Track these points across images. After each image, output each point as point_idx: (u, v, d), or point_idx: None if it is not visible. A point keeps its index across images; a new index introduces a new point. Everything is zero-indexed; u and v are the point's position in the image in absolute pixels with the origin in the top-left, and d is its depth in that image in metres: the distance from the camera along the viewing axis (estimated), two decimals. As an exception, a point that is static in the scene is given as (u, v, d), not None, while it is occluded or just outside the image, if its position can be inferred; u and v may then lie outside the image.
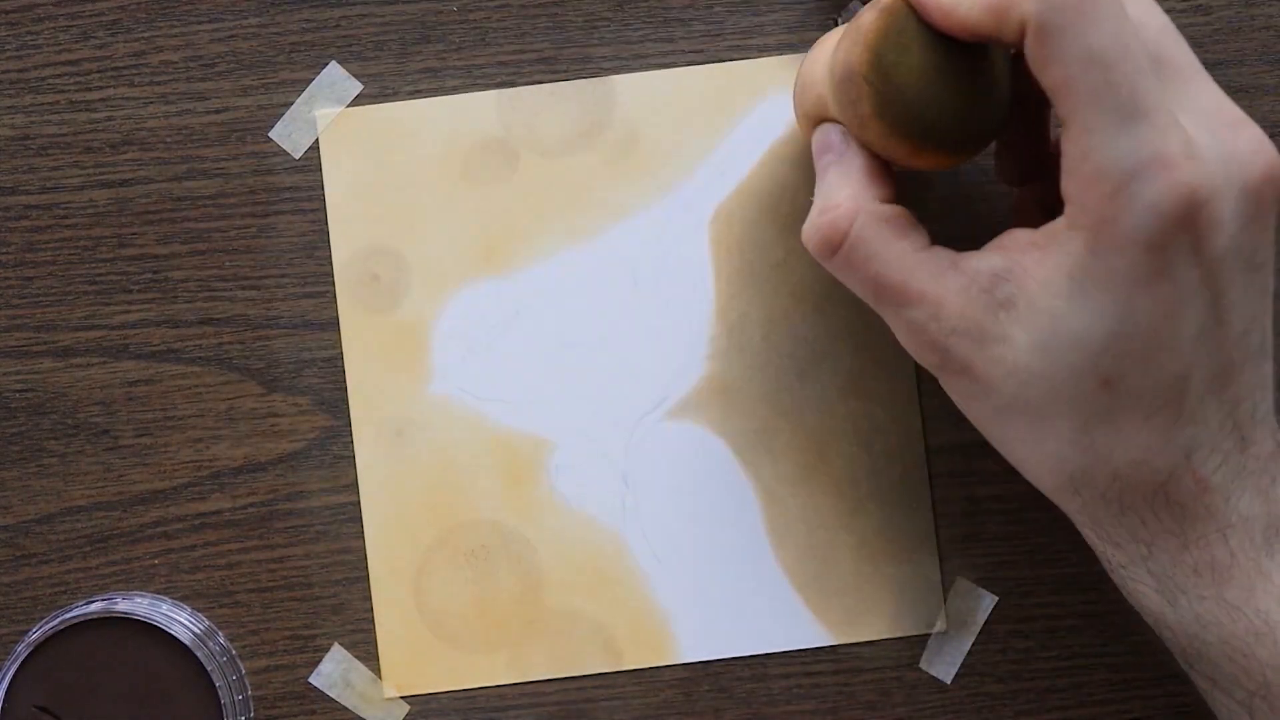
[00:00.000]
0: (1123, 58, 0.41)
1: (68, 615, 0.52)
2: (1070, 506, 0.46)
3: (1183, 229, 0.42)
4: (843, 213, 0.46)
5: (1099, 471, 0.44)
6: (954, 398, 0.46)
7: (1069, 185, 0.42)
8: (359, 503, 0.55)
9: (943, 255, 0.45)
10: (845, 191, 0.46)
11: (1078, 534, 0.55)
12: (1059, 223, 0.43)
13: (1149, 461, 0.44)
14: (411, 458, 0.55)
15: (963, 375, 0.45)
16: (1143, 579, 0.45)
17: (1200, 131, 0.43)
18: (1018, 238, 0.44)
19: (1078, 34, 0.41)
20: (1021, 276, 0.43)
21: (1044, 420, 0.44)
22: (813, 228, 0.46)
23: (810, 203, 0.50)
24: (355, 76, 0.55)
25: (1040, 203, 0.49)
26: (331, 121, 0.55)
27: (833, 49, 0.47)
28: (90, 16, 0.56)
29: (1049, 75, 0.42)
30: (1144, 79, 0.41)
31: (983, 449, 0.55)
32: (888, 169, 0.47)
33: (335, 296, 0.55)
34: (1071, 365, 0.43)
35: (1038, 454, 0.45)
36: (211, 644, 0.53)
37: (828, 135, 0.48)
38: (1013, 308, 0.43)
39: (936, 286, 0.45)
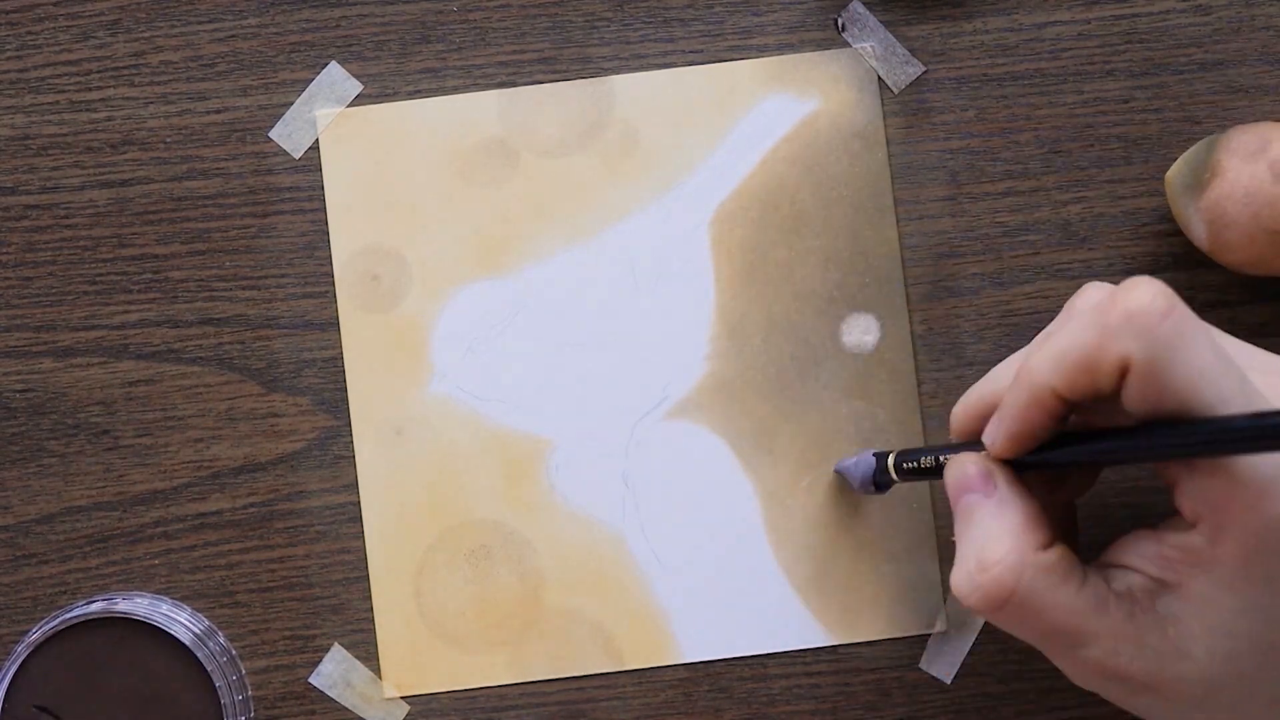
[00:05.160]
0: (1227, 369, 0.41)
1: (68, 615, 0.52)
2: None
3: None
4: (1006, 569, 0.43)
5: None
6: (1136, 712, 0.45)
7: (1199, 504, 0.41)
8: (359, 503, 0.55)
9: (1099, 585, 0.43)
10: (1005, 544, 0.43)
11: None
12: (1194, 538, 0.42)
13: None
14: (411, 457, 0.55)
15: (1147, 694, 0.43)
16: None
17: None
18: (1145, 550, 0.43)
19: (1184, 360, 0.40)
20: (1177, 592, 0.42)
21: (1228, 713, 0.43)
22: (971, 585, 0.43)
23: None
24: (355, 76, 0.55)
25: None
26: (331, 121, 0.55)
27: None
28: (90, 16, 0.56)
29: (1163, 404, 0.41)
30: (1248, 385, 0.41)
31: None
32: (1045, 510, 0.45)
33: (335, 296, 0.55)
34: (1258, 664, 0.42)
35: None
36: (211, 644, 0.53)
37: (964, 471, 0.45)
38: (1180, 623, 0.42)
39: (1107, 622, 0.43)
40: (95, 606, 0.53)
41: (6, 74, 0.55)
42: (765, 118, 0.55)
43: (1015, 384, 0.44)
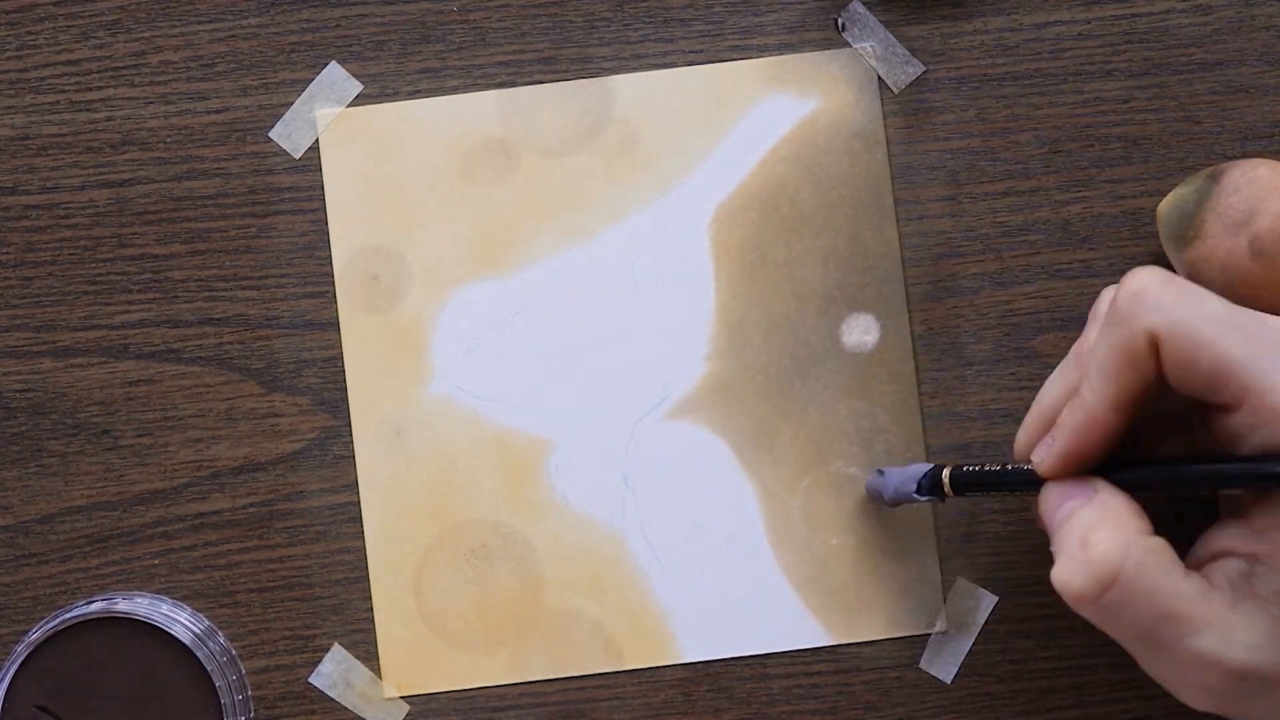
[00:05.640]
0: (1239, 312, 0.41)
1: (68, 615, 0.52)
2: None
3: None
4: (1112, 545, 0.41)
5: None
6: (1251, 716, 0.42)
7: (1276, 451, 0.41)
8: (359, 503, 0.55)
9: (1199, 578, 0.42)
10: (1109, 527, 0.42)
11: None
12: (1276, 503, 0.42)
13: None
14: (411, 457, 0.55)
15: (1269, 690, 0.41)
16: None
17: None
18: (1231, 532, 0.43)
19: (1200, 313, 0.41)
20: (1274, 563, 0.41)
21: None
22: (1076, 566, 0.42)
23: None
24: (355, 76, 0.55)
25: None
26: (331, 121, 0.55)
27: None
28: (90, 16, 0.56)
29: (1201, 366, 0.41)
30: (1265, 323, 0.41)
31: (983, 448, 0.55)
32: (1142, 505, 0.44)
33: (335, 296, 0.55)
34: None
35: None
36: (211, 644, 0.53)
37: (1064, 488, 0.45)
38: None
39: (1218, 606, 0.41)
40: (95, 606, 0.53)
41: (6, 74, 0.56)
42: (765, 118, 0.55)
43: (1070, 407, 0.44)
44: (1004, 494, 0.48)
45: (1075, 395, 0.44)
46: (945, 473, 0.50)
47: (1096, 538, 0.42)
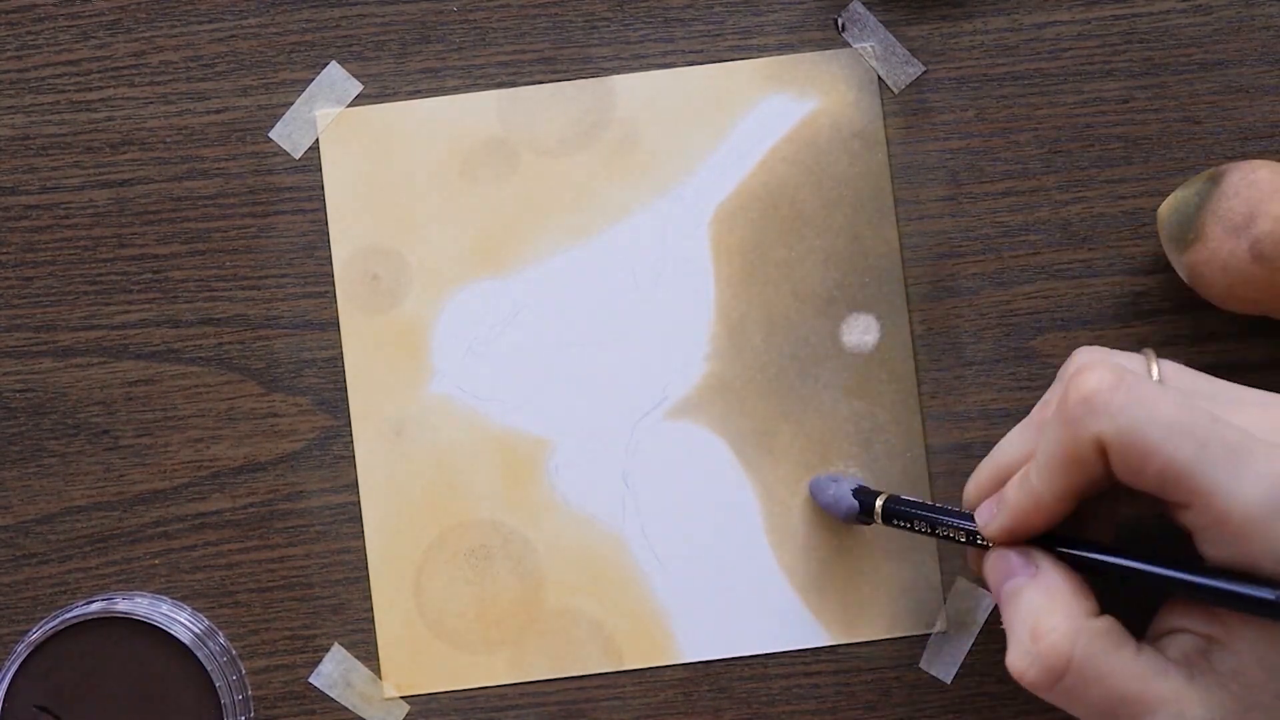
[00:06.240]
0: (1193, 415, 0.41)
1: (68, 615, 0.52)
2: None
3: None
4: (1061, 635, 0.43)
5: None
6: None
7: (1222, 550, 0.41)
8: (359, 503, 0.55)
9: (1153, 652, 0.43)
10: (1057, 614, 0.43)
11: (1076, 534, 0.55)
12: None
13: None
14: (411, 457, 0.55)
15: None
16: None
17: None
18: (1189, 610, 0.43)
19: (1149, 419, 0.41)
20: (1230, 645, 0.42)
21: None
22: (1029, 657, 0.43)
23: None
24: (355, 76, 0.55)
25: None
26: (331, 121, 0.55)
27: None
28: (90, 16, 0.56)
29: (1149, 472, 0.41)
30: (1218, 423, 0.41)
31: (983, 448, 0.55)
32: (1087, 581, 0.45)
33: (335, 296, 0.55)
34: None
35: None
36: (211, 644, 0.53)
37: (1006, 560, 0.46)
38: (1241, 675, 0.42)
39: (1171, 685, 0.42)
40: (95, 606, 0.53)
41: (6, 74, 0.56)
42: (765, 118, 0.55)
43: (1018, 484, 0.45)
44: (933, 536, 0.49)
45: (1024, 474, 0.45)
46: (879, 501, 0.50)
47: (1045, 628, 0.43)
